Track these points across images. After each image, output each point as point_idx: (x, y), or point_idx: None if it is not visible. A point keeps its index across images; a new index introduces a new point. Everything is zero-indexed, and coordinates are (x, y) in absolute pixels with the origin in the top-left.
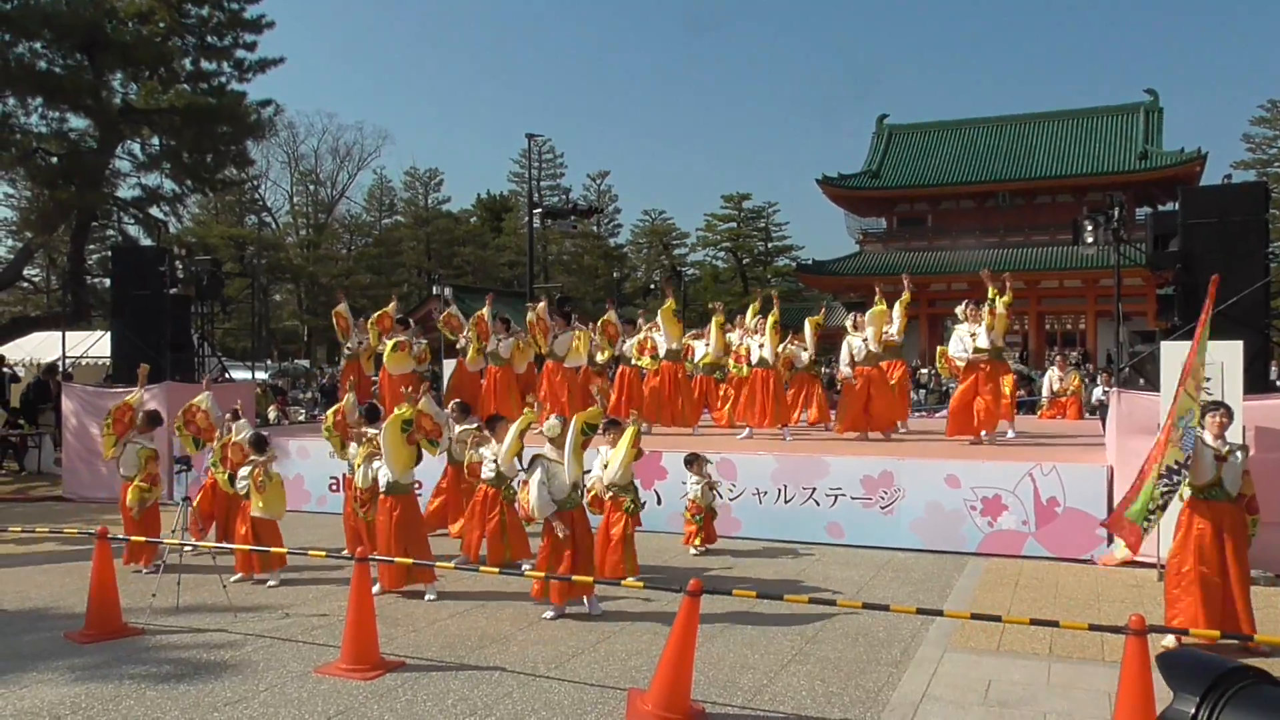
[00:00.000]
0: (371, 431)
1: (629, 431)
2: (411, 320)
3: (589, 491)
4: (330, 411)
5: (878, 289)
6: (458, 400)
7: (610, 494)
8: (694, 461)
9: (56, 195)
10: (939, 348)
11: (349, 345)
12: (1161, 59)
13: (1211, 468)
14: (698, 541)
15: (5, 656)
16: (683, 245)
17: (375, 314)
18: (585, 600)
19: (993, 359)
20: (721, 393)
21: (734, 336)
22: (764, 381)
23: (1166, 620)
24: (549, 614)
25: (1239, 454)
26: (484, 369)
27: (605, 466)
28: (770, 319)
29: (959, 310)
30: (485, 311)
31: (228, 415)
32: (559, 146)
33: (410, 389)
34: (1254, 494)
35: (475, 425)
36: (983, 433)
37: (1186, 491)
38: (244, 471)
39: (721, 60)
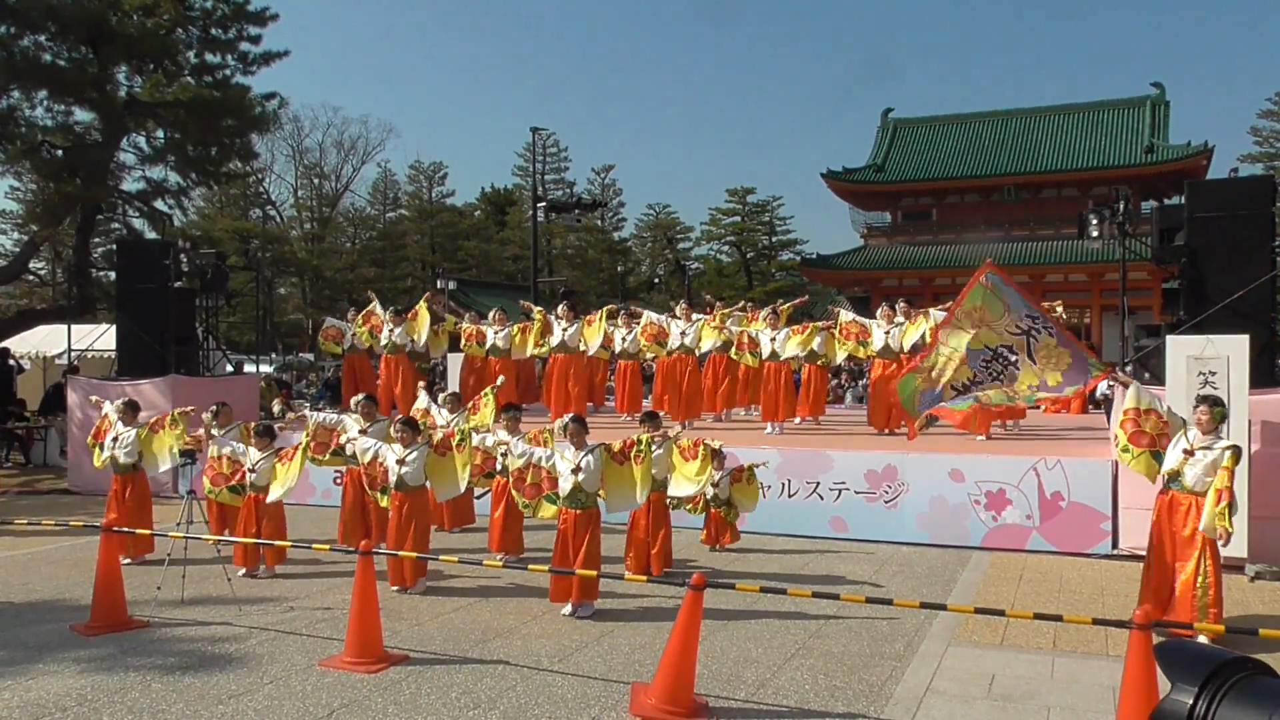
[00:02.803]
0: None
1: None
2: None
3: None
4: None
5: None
6: (453, 392)
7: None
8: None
9: (62, 188)
10: None
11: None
12: (1168, 52)
13: (1177, 458)
14: (702, 537)
15: (12, 648)
16: (686, 239)
17: (362, 313)
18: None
19: None
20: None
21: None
22: (775, 375)
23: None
24: (566, 611)
25: (1211, 453)
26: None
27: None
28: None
29: None
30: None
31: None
32: (563, 140)
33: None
34: (1227, 487)
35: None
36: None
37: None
38: (260, 462)
39: (726, 54)
